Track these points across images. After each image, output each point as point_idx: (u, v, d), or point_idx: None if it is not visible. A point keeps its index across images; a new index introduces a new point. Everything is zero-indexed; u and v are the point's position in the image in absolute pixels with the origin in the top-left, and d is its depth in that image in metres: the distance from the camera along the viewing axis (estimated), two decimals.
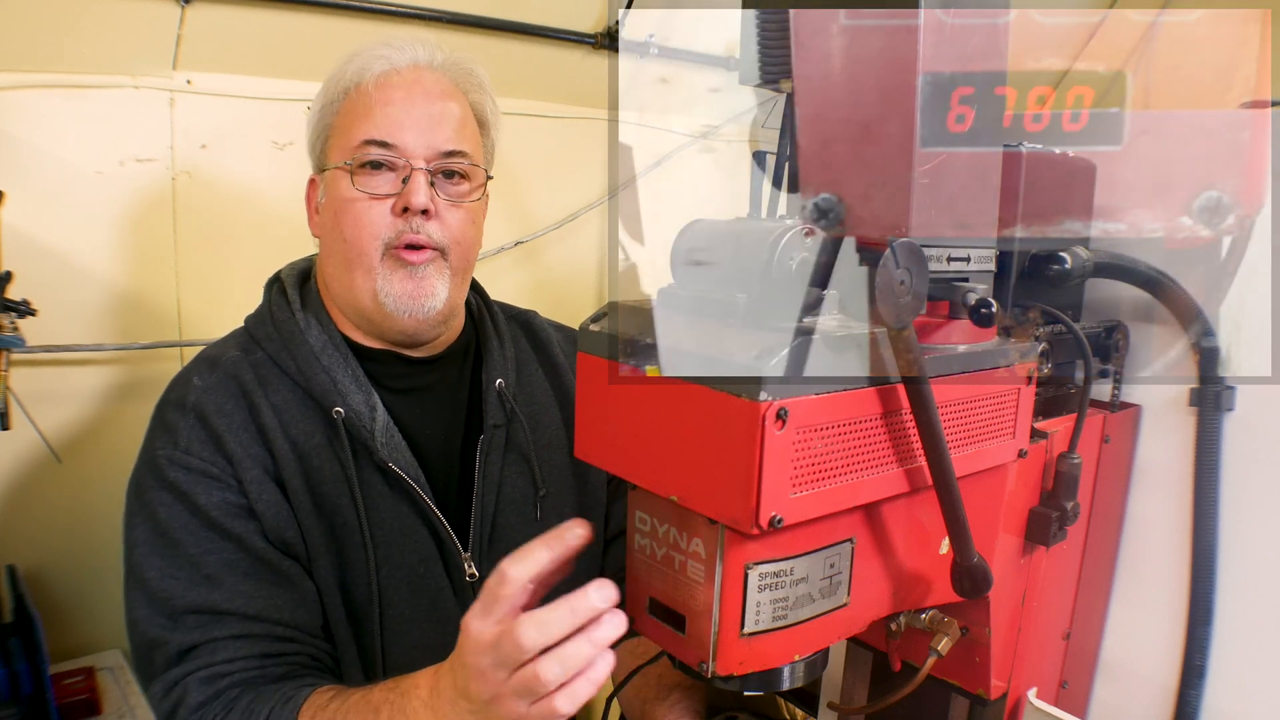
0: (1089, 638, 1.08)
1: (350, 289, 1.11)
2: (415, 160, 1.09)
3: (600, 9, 1.95)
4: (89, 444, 1.60)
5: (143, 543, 1.03)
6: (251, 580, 1.02)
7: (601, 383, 0.71)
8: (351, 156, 1.09)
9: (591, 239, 2.25)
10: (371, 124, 1.09)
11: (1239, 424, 1.00)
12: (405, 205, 1.08)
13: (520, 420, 1.21)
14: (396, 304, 1.09)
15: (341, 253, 1.11)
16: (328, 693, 0.94)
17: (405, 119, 1.09)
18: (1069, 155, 0.95)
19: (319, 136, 1.16)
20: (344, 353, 1.13)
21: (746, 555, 0.65)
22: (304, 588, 1.05)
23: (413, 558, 1.11)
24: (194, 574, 1.00)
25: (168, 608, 1.00)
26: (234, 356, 1.11)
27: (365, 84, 1.10)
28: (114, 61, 1.52)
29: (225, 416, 1.06)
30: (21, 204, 1.45)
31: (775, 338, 0.60)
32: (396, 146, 1.09)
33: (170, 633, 0.99)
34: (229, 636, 0.99)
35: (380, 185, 1.09)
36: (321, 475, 1.08)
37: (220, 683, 0.97)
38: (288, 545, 1.05)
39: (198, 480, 1.03)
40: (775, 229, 0.65)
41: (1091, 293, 1.05)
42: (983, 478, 0.78)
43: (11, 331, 1.33)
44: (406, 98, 1.10)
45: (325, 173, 1.14)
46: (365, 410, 1.10)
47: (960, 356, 0.73)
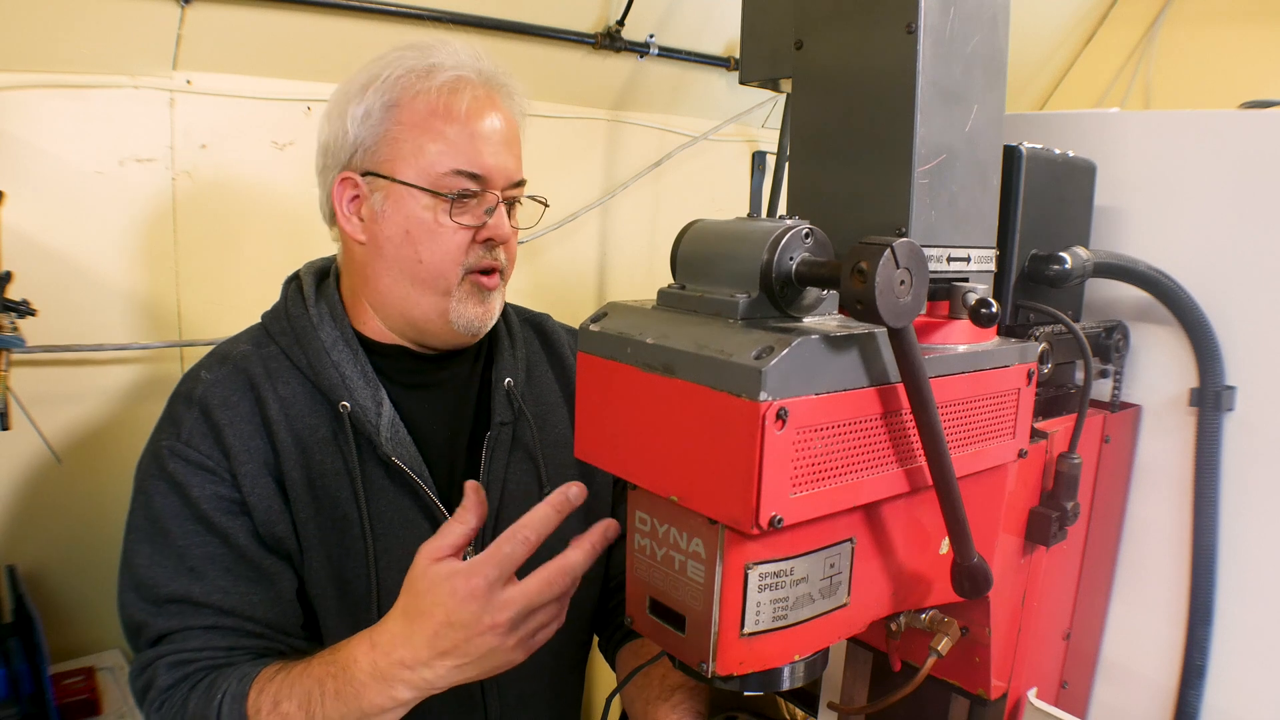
0: (1089, 638, 1.08)
1: (413, 304, 1.13)
2: (497, 189, 1.11)
3: (600, 9, 1.95)
4: (89, 444, 1.60)
5: (137, 528, 1.08)
6: (230, 576, 1.06)
7: (601, 383, 0.72)
8: (437, 183, 1.08)
9: (591, 239, 2.25)
10: (462, 154, 1.08)
11: (1239, 424, 1.00)
12: (490, 236, 1.11)
13: (527, 419, 1.23)
14: (467, 326, 1.13)
15: (412, 271, 1.11)
16: (275, 666, 0.99)
17: (489, 148, 1.10)
18: (1069, 155, 0.96)
19: (374, 137, 1.10)
20: (354, 349, 1.15)
21: (746, 555, 0.65)
22: (282, 587, 1.09)
23: (413, 551, 1.12)
24: (179, 565, 1.05)
25: (151, 594, 1.04)
26: (245, 351, 1.14)
27: (449, 103, 1.09)
28: (114, 61, 1.52)
29: (229, 409, 1.08)
30: (21, 204, 1.45)
31: (775, 338, 0.60)
32: (485, 179, 1.10)
33: (152, 618, 1.04)
34: (202, 627, 1.04)
35: (470, 216, 1.11)
36: (324, 468, 1.10)
37: (187, 667, 1.02)
38: (279, 540, 1.09)
39: (194, 472, 1.06)
40: (775, 229, 0.65)
41: (1091, 293, 1.05)
42: (983, 478, 0.78)
43: (11, 331, 1.33)
44: (490, 125, 1.11)
45: (389, 183, 1.10)
46: (372, 405, 1.12)
47: (960, 356, 0.73)
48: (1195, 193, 1.01)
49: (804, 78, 0.78)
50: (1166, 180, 1.03)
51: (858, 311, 0.59)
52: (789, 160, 0.82)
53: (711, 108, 2.32)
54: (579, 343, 0.74)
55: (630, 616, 0.76)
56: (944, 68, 0.71)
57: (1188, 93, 2.56)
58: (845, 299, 0.59)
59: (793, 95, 0.81)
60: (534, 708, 1.25)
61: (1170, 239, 1.02)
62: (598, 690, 1.99)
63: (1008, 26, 0.76)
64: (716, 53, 2.17)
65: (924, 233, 0.72)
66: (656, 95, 2.21)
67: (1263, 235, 0.96)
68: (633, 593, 0.75)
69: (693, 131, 2.32)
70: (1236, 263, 0.98)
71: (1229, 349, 0.99)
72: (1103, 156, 1.00)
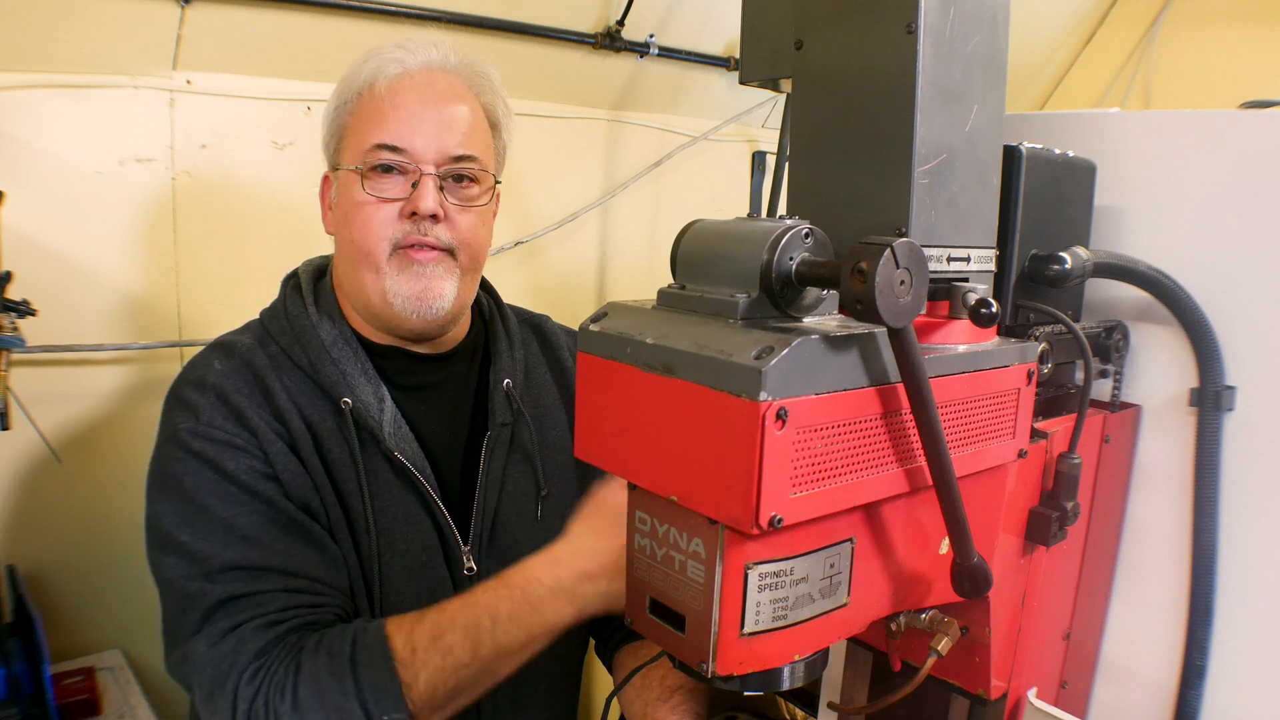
0: (1089, 638, 1.08)
1: (360, 288, 1.13)
2: (425, 165, 1.10)
3: (600, 9, 1.95)
4: (89, 444, 1.60)
5: (170, 513, 1.02)
6: (288, 538, 1.02)
7: (601, 383, 0.72)
8: (363, 160, 1.10)
9: (591, 239, 2.25)
10: (383, 128, 1.10)
11: (1239, 424, 1.00)
12: (414, 209, 1.10)
13: (526, 420, 1.23)
14: (405, 304, 1.11)
15: (350, 253, 1.13)
16: (407, 617, 0.97)
17: (416, 123, 1.10)
18: (1069, 155, 0.95)
19: (333, 135, 1.17)
20: (354, 347, 1.15)
21: (746, 555, 0.65)
22: (332, 550, 1.06)
23: (415, 546, 1.13)
24: (228, 535, 1.00)
25: (204, 567, 0.98)
26: (248, 343, 1.14)
27: (378, 86, 1.11)
28: (114, 61, 1.52)
29: (243, 396, 1.08)
30: (21, 204, 1.45)
31: (775, 338, 0.60)
32: (407, 151, 1.10)
33: (210, 585, 0.97)
34: (276, 590, 0.98)
35: (389, 189, 1.10)
36: (332, 458, 1.10)
37: (279, 628, 0.96)
38: (312, 513, 1.07)
39: (223, 449, 1.04)
40: (775, 229, 0.65)
41: (1091, 293, 1.05)
42: (983, 478, 0.78)
43: (11, 331, 1.33)
44: (418, 101, 1.11)
45: (338, 172, 1.15)
46: (374, 402, 1.12)
47: (960, 356, 0.73)
48: (1195, 193, 1.01)
49: (804, 78, 0.78)
50: (1166, 180, 1.03)
51: (858, 311, 0.59)
52: (789, 160, 0.82)
53: (711, 108, 2.32)
54: (579, 343, 0.74)
55: (630, 617, 0.76)
56: (944, 68, 0.71)
57: (1188, 93, 2.56)
58: (845, 299, 0.59)
59: (793, 95, 0.81)
60: (529, 711, 1.24)
61: (1170, 239, 1.02)
62: (596, 692, 1.99)
63: (1008, 26, 0.76)
64: (716, 53, 2.17)
65: (924, 233, 0.72)
66: (656, 95, 2.21)
67: (1263, 235, 0.96)
68: (632, 593, 0.75)
69: (693, 131, 2.32)
70: (1236, 263, 0.98)
71: (1229, 349, 0.99)
72: (1103, 156, 1.00)
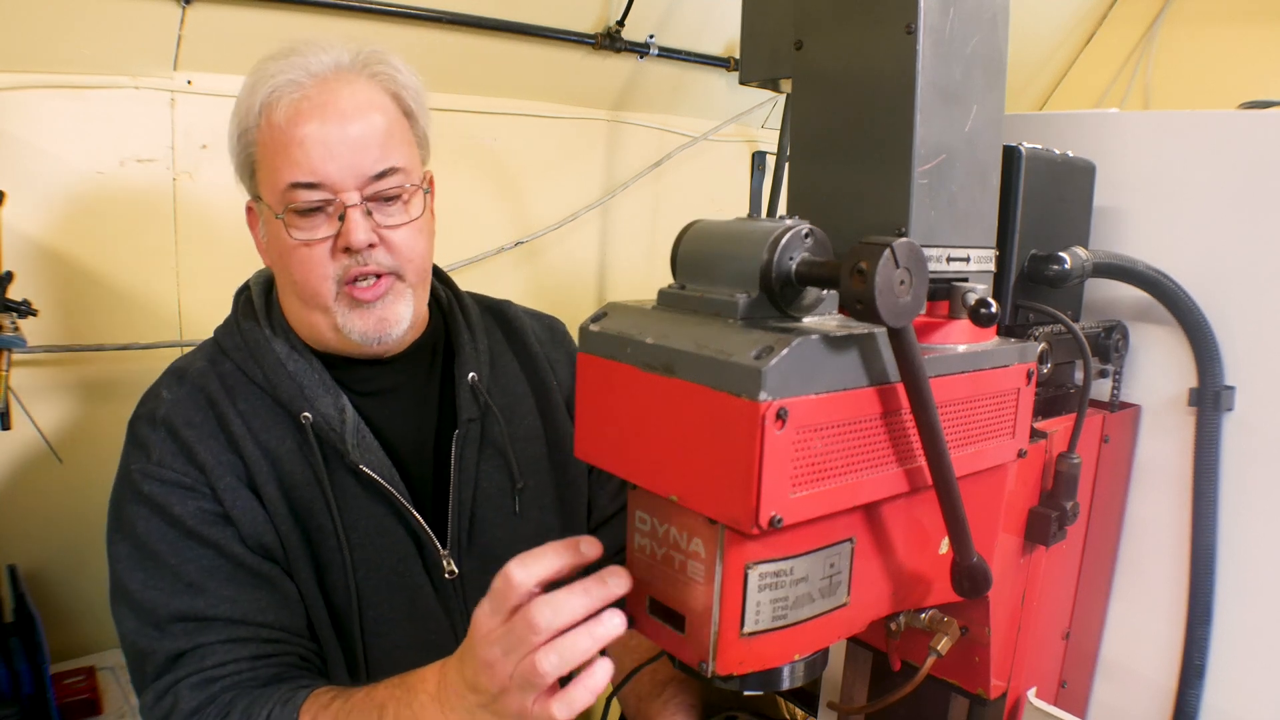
0: (1089, 637, 1.08)
1: (311, 325, 1.10)
2: (346, 193, 1.03)
3: (600, 9, 1.95)
4: (89, 444, 1.60)
5: (124, 558, 1.04)
6: (233, 585, 1.02)
7: (602, 383, 0.72)
8: (281, 202, 1.03)
9: (591, 239, 2.25)
10: (293, 166, 1.02)
11: (1239, 424, 1.00)
12: (346, 245, 1.04)
13: (495, 413, 1.19)
14: (363, 338, 1.08)
15: (294, 291, 1.09)
16: (328, 693, 0.94)
17: (325, 151, 1.02)
18: (1069, 155, 0.96)
19: (243, 167, 1.10)
20: (309, 359, 1.11)
21: (746, 555, 0.65)
22: (285, 589, 1.05)
23: (391, 558, 1.11)
24: (175, 583, 1.00)
25: (153, 618, 1.00)
26: (201, 368, 1.11)
27: (275, 116, 1.03)
28: (114, 62, 1.52)
29: (194, 428, 1.05)
30: (22, 204, 1.45)
31: (775, 338, 0.60)
32: (324, 184, 1.02)
33: (158, 641, 0.99)
34: (217, 641, 0.99)
35: (317, 228, 1.04)
36: (294, 480, 1.07)
37: (213, 687, 0.97)
38: (267, 550, 1.05)
39: (172, 491, 1.03)
40: (775, 229, 0.65)
41: (1091, 293, 1.05)
42: (983, 478, 0.78)
43: (12, 331, 1.33)
44: (321, 127, 1.02)
45: (261, 204, 1.09)
46: (335, 414, 1.09)
47: (960, 356, 0.73)
48: (1195, 193, 1.01)
49: (804, 78, 0.78)
50: (1166, 181, 1.03)
51: (858, 311, 0.59)
52: (789, 160, 0.82)
53: (711, 108, 2.32)
54: (579, 343, 0.73)
55: (630, 616, 0.76)
56: (944, 68, 0.71)
57: (1187, 93, 2.56)
58: (845, 299, 0.59)
59: (793, 95, 0.81)
60: None
61: (1169, 239, 1.02)
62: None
63: (1007, 27, 0.76)
64: (716, 53, 2.17)
65: (924, 233, 0.72)
66: (656, 95, 2.22)
67: (1262, 235, 0.96)
68: (632, 592, 0.75)
69: (693, 132, 2.32)
70: (1236, 263, 0.98)
71: (1228, 349, 0.99)
72: (1102, 157, 1.00)
